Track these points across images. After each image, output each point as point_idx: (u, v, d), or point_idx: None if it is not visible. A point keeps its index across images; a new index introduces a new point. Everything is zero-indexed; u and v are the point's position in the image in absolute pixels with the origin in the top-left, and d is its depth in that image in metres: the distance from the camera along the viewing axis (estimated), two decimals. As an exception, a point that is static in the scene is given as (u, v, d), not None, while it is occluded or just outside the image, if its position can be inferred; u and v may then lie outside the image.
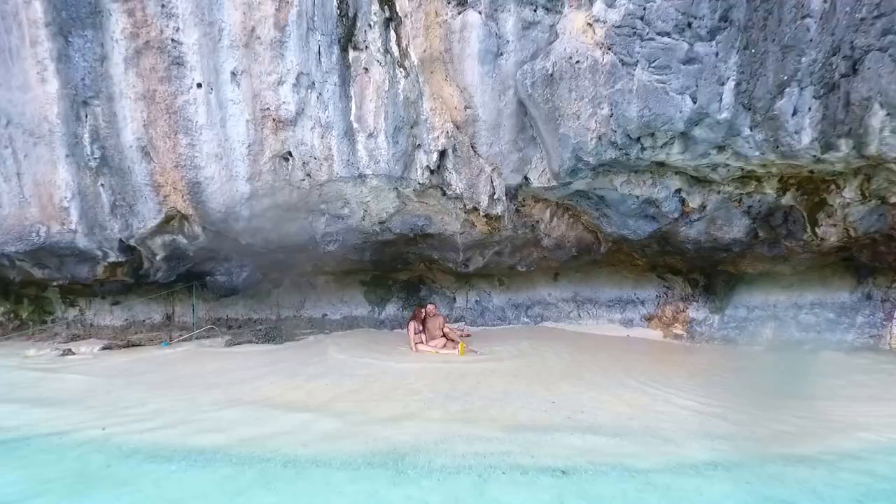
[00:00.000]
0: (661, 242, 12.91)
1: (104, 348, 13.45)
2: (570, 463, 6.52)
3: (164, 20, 10.28)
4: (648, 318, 15.30)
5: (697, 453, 6.81)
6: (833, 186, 11.14)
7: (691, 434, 7.38)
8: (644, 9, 9.49)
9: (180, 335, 14.62)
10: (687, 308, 15.14)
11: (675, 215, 12.05)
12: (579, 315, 15.51)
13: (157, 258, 12.64)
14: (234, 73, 10.53)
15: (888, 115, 8.87)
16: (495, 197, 11.47)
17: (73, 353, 12.87)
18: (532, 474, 6.28)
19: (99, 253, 12.13)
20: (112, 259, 12.26)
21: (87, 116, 10.79)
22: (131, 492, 5.88)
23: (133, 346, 13.89)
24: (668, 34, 9.45)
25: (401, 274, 15.42)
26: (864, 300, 13.97)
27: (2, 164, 11.09)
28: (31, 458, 6.73)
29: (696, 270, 14.44)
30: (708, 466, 6.53)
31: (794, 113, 9.36)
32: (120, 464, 6.53)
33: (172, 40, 10.37)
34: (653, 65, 9.57)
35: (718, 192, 11.61)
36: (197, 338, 14.54)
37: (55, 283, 13.37)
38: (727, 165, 10.56)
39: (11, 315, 15.25)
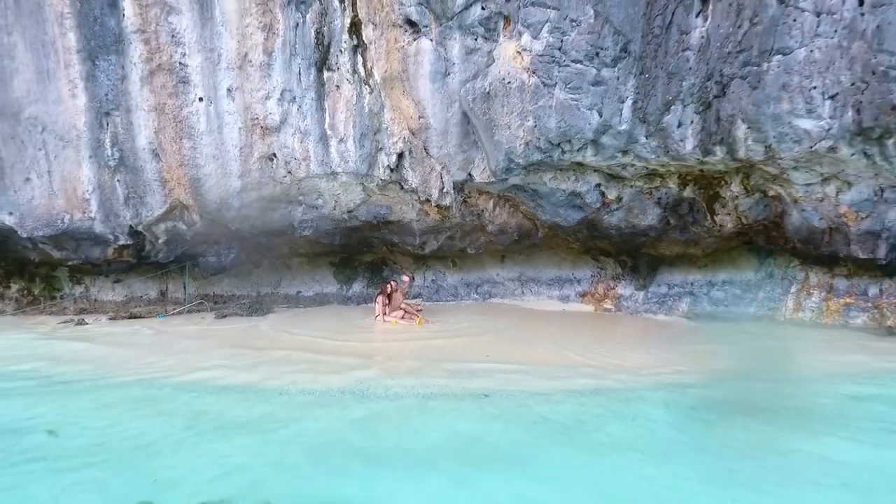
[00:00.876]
0: (590, 228, 15.66)
1: (110, 319, 15.98)
2: (491, 390, 9.23)
3: (174, 47, 12.81)
4: (583, 295, 18.05)
5: (582, 385, 9.58)
6: (723, 182, 13.95)
7: (582, 374, 10.15)
8: (561, 41, 12.18)
9: (174, 309, 17.17)
10: (616, 286, 17.91)
11: (598, 205, 14.81)
12: (523, 292, 18.23)
13: (159, 241, 15.18)
14: (229, 90, 13.09)
15: (749, 128, 11.65)
16: (444, 190, 14.14)
17: (86, 324, 15.39)
18: (462, 397, 8.98)
19: (111, 237, 14.64)
20: (121, 242, 14.77)
21: (108, 125, 13.29)
22: (171, 407, 8.54)
23: (134, 317, 16.39)
24: (580, 62, 12.16)
25: (366, 256, 18.03)
26: (766, 278, 16.78)
27: (36, 163, 13.56)
28: (105, 391, 9.38)
29: (624, 253, 17.18)
30: (588, 392, 9.30)
31: (679, 125, 12.12)
32: (161, 393, 9.19)
33: (180, 63, 12.90)
34: (568, 86, 12.28)
35: (631, 186, 14.36)
36: (188, 311, 17.10)
37: (69, 263, 15.84)
38: (633, 165, 13.31)
39: (25, 292, 17.68)
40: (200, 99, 13.14)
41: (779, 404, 8.77)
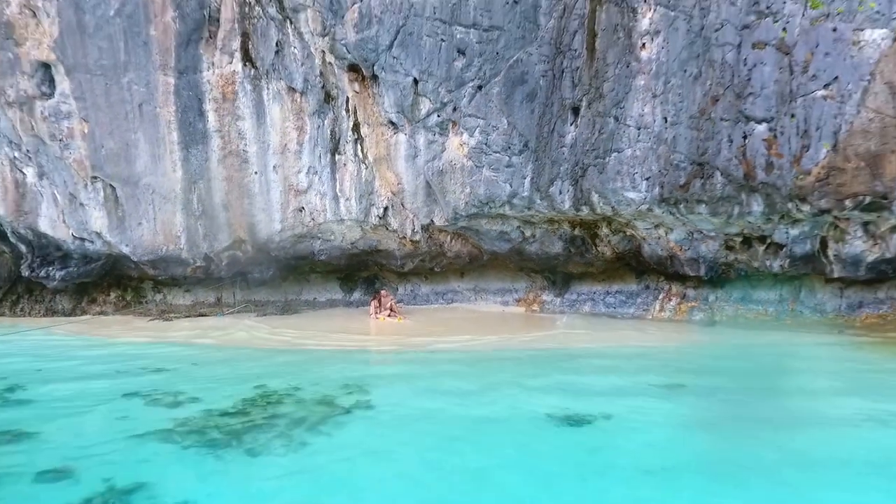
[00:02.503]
0: (518, 254, 22.49)
1: (186, 317, 22.86)
2: (432, 353, 16.12)
3: (239, 140, 19.72)
4: (518, 300, 24.86)
5: (493, 351, 16.48)
6: (597, 226, 20.87)
7: (496, 347, 17.08)
8: (487, 139, 19.09)
9: (228, 310, 24.03)
10: (542, 294, 24.71)
11: (519, 239, 21.68)
12: (476, 299, 25.05)
13: (223, 263, 22.01)
14: (274, 167, 19.99)
15: (599, 196, 18.53)
16: (415, 230, 21.01)
17: (170, 320, 22.26)
18: (412, 355, 15.89)
19: (191, 261, 21.46)
20: (197, 264, 21.60)
21: (195, 189, 20.14)
22: (266, 362, 15.37)
23: (202, 315, 23.27)
24: (498, 152, 19.08)
25: (363, 272, 24.83)
26: (643, 289, 23.62)
27: (146, 213, 20.39)
28: (235, 359, 16.22)
29: (545, 271, 23.96)
30: (494, 354, 16.17)
31: (560, 193, 19.02)
32: (260, 353, 16.05)
33: (243, 150, 19.80)
34: (491, 168, 19.20)
35: (540, 227, 21.22)
36: (238, 312, 23.96)
37: (157, 278, 22.72)
38: (537, 215, 20.21)
39: (120, 298, 24.51)
40: (255, 172, 20.03)
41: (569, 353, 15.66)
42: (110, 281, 23.46)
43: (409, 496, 7.69)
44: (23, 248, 21.57)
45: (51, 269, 21.50)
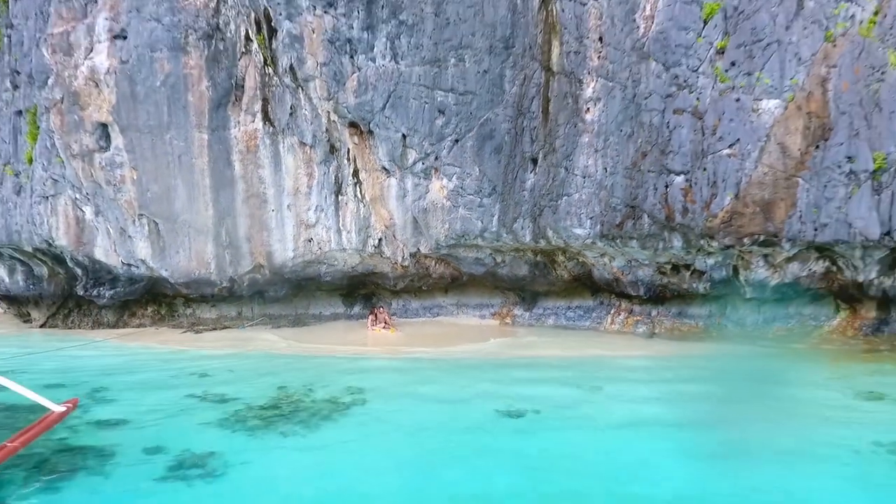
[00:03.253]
0: (492, 276, 26.35)
1: (212, 329, 26.72)
2: (417, 360, 19.99)
3: (260, 184, 23.57)
4: (494, 314, 28.68)
5: (466, 359, 20.37)
6: (554, 253, 24.78)
7: (469, 356, 20.96)
8: (462, 184, 22.98)
9: (248, 322, 27.90)
10: (514, 308, 28.55)
11: (492, 264, 25.54)
12: (458, 313, 28.88)
13: (244, 284, 25.85)
14: (288, 206, 23.85)
15: (553, 232, 22.44)
16: (405, 257, 24.89)
17: (199, 332, 26.12)
18: (399, 363, 19.77)
19: (218, 282, 25.30)
20: (223, 285, 25.48)
21: (223, 224, 23.98)
22: (284, 368, 19.27)
23: (225, 328, 27.14)
24: (472, 195, 22.98)
25: (362, 290, 28.69)
26: (598, 305, 27.45)
27: (183, 244, 24.19)
28: (253, 360, 20.11)
29: (516, 289, 27.87)
30: (465, 362, 20.07)
31: (522, 229, 22.91)
32: (279, 360, 19.94)
33: (262, 192, 23.65)
34: (465, 207, 23.10)
35: (509, 255, 25.09)
36: (256, 325, 27.82)
37: (188, 296, 26.59)
38: (504, 245, 24.13)
39: (155, 312, 28.38)
40: (273, 210, 23.88)
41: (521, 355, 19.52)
42: (148, 298, 27.29)
43: (391, 461, 11.57)
44: (79, 271, 25.39)
45: (102, 289, 25.34)
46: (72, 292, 26.77)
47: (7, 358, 18.10)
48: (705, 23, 19.94)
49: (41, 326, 27.79)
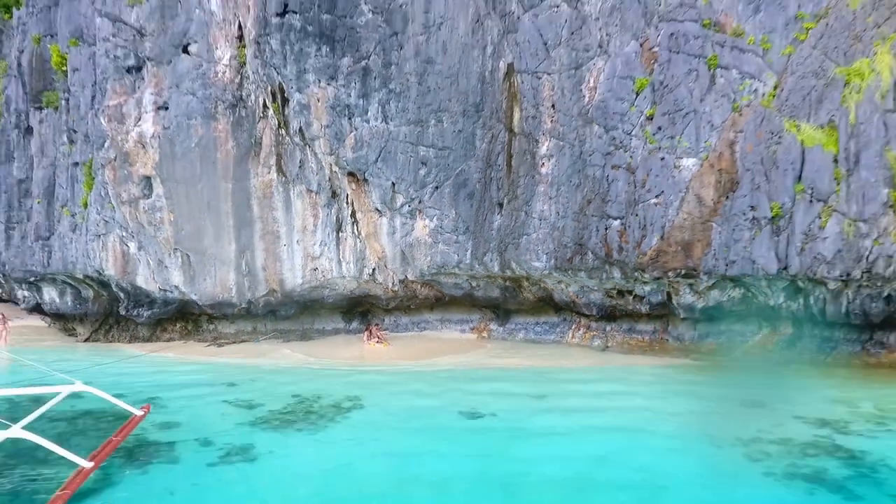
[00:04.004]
0: (470, 297, 30.66)
1: (232, 342, 31.09)
2: (403, 371, 24.36)
3: (273, 223, 27.88)
4: (472, 329, 33.03)
5: (444, 371, 24.74)
6: (519, 280, 29.14)
7: (447, 367, 25.33)
8: (441, 223, 27.33)
9: (263, 337, 32.24)
10: (490, 324, 32.92)
11: (469, 288, 29.88)
12: (442, 328, 33.20)
13: (260, 305, 30.19)
14: (297, 241, 28.19)
15: (516, 264, 26.84)
16: (395, 283, 29.25)
17: (221, 346, 30.48)
18: (389, 376, 24.13)
19: (238, 304, 29.63)
20: (242, 306, 29.84)
21: (244, 256, 28.30)
22: (296, 378, 23.64)
23: (243, 341, 31.49)
24: (449, 233, 27.37)
25: (359, 308, 32.98)
26: (561, 321, 31.74)
27: (209, 272, 28.50)
28: (265, 375, 24.48)
29: (491, 308, 32.25)
30: (443, 374, 24.44)
31: (491, 261, 27.21)
32: (291, 372, 24.30)
33: (276, 230, 27.95)
34: (444, 243, 27.48)
35: (482, 281, 29.44)
36: (268, 339, 32.15)
37: (212, 315, 30.94)
38: (477, 274, 28.48)
39: (182, 328, 32.75)
40: (285, 245, 28.20)
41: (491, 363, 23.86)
42: (178, 316, 31.65)
43: (379, 450, 15.79)
44: (122, 295, 29.72)
45: (141, 309, 29.68)
46: (112, 311, 31.07)
47: (79, 370, 22.28)
48: (637, 95, 24.18)
49: (85, 340, 32.04)
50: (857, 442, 16.14)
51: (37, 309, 33.10)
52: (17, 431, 12.74)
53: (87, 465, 12.89)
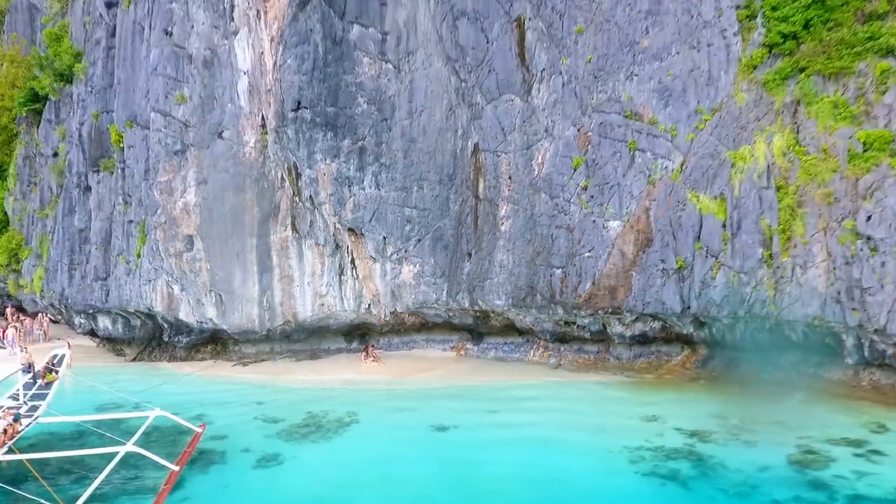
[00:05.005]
0: (449, 322, 36.68)
1: (254, 363, 37.17)
2: (393, 389, 30.43)
3: (290, 269, 33.84)
4: (452, 348, 38.97)
5: (426, 388, 30.83)
6: (487, 312, 35.19)
7: (428, 384, 31.42)
8: (422, 268, 33.32)
9: (279, 356, 38.28)
10: (466, 343, 38.92)
11: (448, 317, 35.95)
12: (426, 346, 39.06)
13: (277, 331, 36.18)
14: (308, 283, 34.06)
15: (482, 301, 32.91)
16: (386, 314, 35.17)
17: (246, 365, 36.57)
18: (381, 392, 30.21)
19: (260, 331, 35.59)
20: (263, 333, 35.83)
21: (266, 294, 34.21)
22: (308, 397, 29.72)
23: (263, 360, 37.54)
24: (429, 276, 33.36)
25: (358, 332, 38.93)
26: (524, 342, 37.63)
27: (237, 308, 34.42)
28: (275, 394, 30.58)
29: (467, 330, 38.23)
30: (425, 391, 30.53)
31: (463, 299, 33.09)
32: (304, 391, 30.40)
33: (291, 274, 33.93)
34: (425, 284, 33.48)
35: (457, 311, 35.46)
36: (284, 357, 38.19)
37: (238, 339, 37.00)
38: (452, 307, 34.51)
39: (213, 350, 38.76)
40: (297, 286, 34.24)
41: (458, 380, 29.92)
42: (208, 340, 37.72)
43: (371, 455, 21.67)
44: (165, 325, 35.70)
45: (181, 336, 35.72)
46: (155, 336, 37.12)
47: (140, 391, 28.30)
48: (574, 170, 30.07)
49: (132, 360, 38.09)
50: (710, 448, 21.85)
51: (90, 332, 39.05)
52: (130, 447, 18.74)
53: (176, 468, 18.91)
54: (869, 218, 24.98)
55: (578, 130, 30.14)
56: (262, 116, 31.15)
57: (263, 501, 18.81)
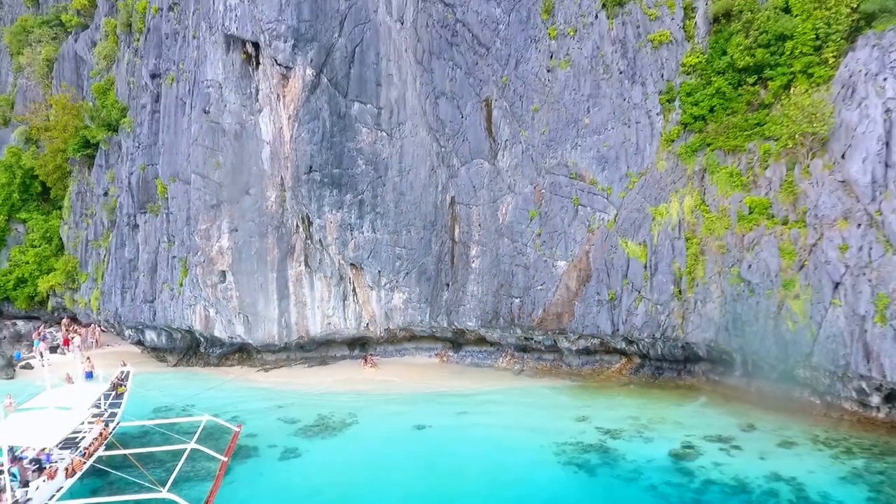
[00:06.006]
0: (433, 335, 43.79)
1: (274, 368, 44.23)
2: (386, 393, 37.52)
3: (303, 297, 40.87)
4: (436, 354, 45.78)
5: (414, 393, 37.89)
6: (463, 330, 42.22)
7: (414, 389, 38.49)
8: (410, 296, 40.23)
9: (295, 363, 45.34)
10: (448, 351, 45.81)
11: (431, 332, 43.08)
12: (415, 353, 45.91)
13: (293, 344, 43.14)
14: (318, 307, 41.06)
15: (458, 324, 39.91)
16: (381, 330, 42.13)
17: (268, 370, 43.64)
18: (378, 396, 37.30)
19: (279, 345, 42.41)
20: (281, 345, 42.82)
21: (284, 315, 41.09)
22: (318, 402, 36.80)
23: (281, 367, 44.58)
24: (414, 302, 40.15)
25: (359, 342, 46.06)
26: (495, 350, 44.48)
27: (261, 326, 41.27)
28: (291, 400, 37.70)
29: (449, 340, 45.17)
30: (412, 396, 37.63)
31: (441, 321, 40.24)
32: (314, 395, 37.52)
33: (304, 300, 40.85)
34: (412, 309, 40.41)
35: (438, 328, 42.53)
36: (298, 363, 45.21)
37: (261, 350, 44.01)
38: (434, 326, 41.50)
39: (240, 357, 45.74)
40: (309, 309, 41.19)
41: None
42: (237, 350, 44.75)
43: (367, 448, 28.55)
44: (202, 339, 42.54)
45: (214, 348, 42.69)
46: (192, 346, 44.14)
47: (184, 396, 35.18)
48: (531, 220, 36.81)
49: (174, 366, 45.11)
50: (617, 444, 28.52)
51: (137, 342, 46.11)
52: (193, 444, 25.73)
53: (225, 459, 25.92)
54: (749, 266, 31.58)
55: (534, 188, 36.72)
56: (282, 177, 37.83)
57: (288, 485, 25.46)
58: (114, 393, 31.05)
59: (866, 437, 28.10)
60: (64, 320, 52.20)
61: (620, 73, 35.03)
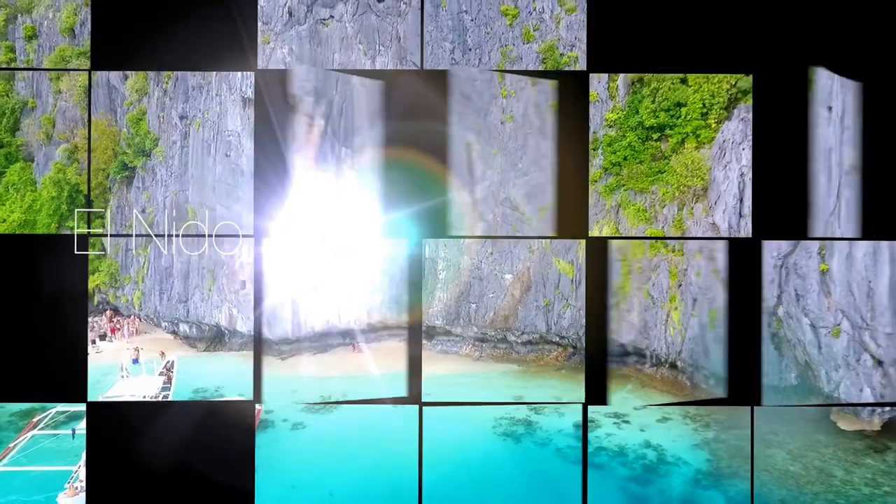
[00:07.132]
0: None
1: (288, 356, 53.22)
2: (374, 370, 46.52)
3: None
4: None
5: (399, 370, 46.99)
6: (435, 326, 51.14)
7: (400, 366, 47.57)
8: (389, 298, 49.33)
9: (303, 351, 54.30)
10: (423, 340, 55.08)
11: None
12: (395, 342, 55.29)
13: (303, 338, 52.22)
14: (321, 308, 50.13)
15: (426, 321, 48.90)
16: (366, 325, 51.27)
17: (284, 360, 52.62)
18: (363, 372, 46.34)
19: (291, 337, 51.63)
20: (294, 339, 51.81)
21: (295, 315, 50.21)
22: (318, 385, 45.81)
23: (293, 355, 53.60)
24: (392, 304, 49.42)
25: (349, 333, 55.06)
26: (460, 339, 53.81)
27: (275, 324, 50.43)
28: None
29: (423, 331, 54.18)
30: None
31: None
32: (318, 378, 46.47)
33: (298, 303, 49.90)
34: (387, 309, 49.50)
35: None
36: (305, 352, 54.19)
37: (276, 341, 52.88)
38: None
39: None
40: (314, 310, 50.18)
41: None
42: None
43: (353, 424, 38.01)
44: (227, 332, 51.55)
45: (236, 339, 51.74)
46: (217, 336, 53.09)
47: (217, 374, 44.00)
48: (485, 242, 45.69)
49: (203, 351, 54.02)
50: (539, 418, 37.52)
51: (172, 332, 55.02)
52: None
53: None
54: (653, 284, 40.38)
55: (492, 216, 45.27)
56: (289, 208, 46.42)
57: (298, 449, 34.45)
58: (163, 379, 39.82)
59: (723, 414, 36.88)
60: (107, 312, 60.90)
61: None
